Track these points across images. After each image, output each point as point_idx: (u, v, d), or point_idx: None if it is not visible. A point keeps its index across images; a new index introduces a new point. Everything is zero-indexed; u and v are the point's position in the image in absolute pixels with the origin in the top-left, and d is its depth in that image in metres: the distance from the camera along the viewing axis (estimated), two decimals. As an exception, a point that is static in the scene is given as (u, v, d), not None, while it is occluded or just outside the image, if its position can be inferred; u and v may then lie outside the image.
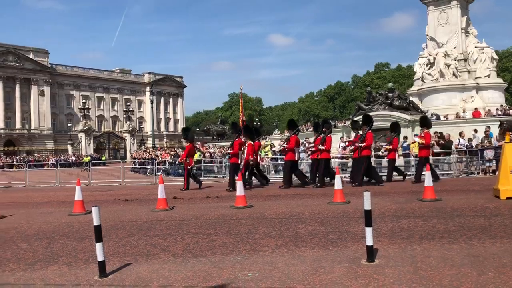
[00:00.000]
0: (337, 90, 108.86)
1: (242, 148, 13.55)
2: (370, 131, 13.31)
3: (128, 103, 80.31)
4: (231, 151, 13.95)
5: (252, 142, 13.85)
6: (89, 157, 42.86)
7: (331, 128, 14.68)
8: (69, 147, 61.38)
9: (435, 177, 12.77)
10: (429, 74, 28.22)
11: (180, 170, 20.85)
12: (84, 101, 70.34)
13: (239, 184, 9.26)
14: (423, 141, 13.46)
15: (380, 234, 5.86)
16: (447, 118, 24.33)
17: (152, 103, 51.35)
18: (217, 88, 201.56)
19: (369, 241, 4.60)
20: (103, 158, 50.82)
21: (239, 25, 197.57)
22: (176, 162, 21.55)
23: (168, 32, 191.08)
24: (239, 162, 13.61)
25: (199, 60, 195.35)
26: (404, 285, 3.84)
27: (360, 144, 12.88)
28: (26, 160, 44.37)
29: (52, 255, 5.57)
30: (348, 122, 26.43)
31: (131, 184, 18.73)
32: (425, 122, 14.30)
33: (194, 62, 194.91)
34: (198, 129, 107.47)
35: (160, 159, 27.75)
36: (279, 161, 19.40)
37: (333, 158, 17.88)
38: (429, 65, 28.29)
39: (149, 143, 60.68)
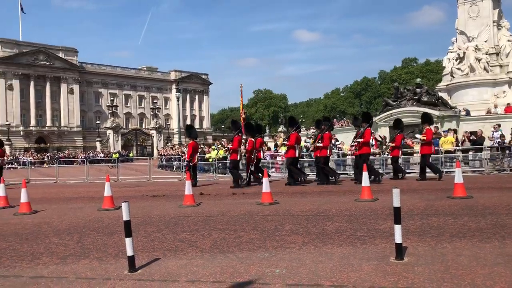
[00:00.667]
0: (364, 86, 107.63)
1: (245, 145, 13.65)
2: (369, 128, 13.15)
3: (154, 101, 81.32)
4: (231, 147, 14.05)
5: (253, 139, 14.06)
6: (117, 154, 43.60)
7: (332, 126, 14.49)
8: (98, 144, 62.59)
9: (438, 173, 13.01)
10: (458, 69, 27.54)
11: (205, 167, 21.01)
12: (112, 98, 71.54)
13: (265, 181, 9.26)
14: (424, 138, 13.28)
15: (409, 232, 5.77)
16: (487, 112, 23.64)
17: (178, 100, 51.82)
18: (243, 85, 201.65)
19: (398, 238, 4.53)
20: (131, 155, 51.61)
21: (265, 21, 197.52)
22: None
23: (194, 29, 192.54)
24: (239, 159, 13.74)
25: (224, 57, 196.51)
26: (435, 284, 3.76)
27: (358, 140, 12.85)
28: (57, 157, 45.49)
29: (83, 249, 5.69)
30: (375, 118, 26.10)
31: (158, 180, 18.96)
32: (427, 119, 14.14)
33: (219, 59, 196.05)
34: (223, 126, 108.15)
35: (186, 155, 27.96)
36: (304, 157, 19.32)
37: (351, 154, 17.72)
38: (458, 60, 27.60)
39: (176, 140, 61.34)
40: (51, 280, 4.41)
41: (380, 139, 19.91)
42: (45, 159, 45.79)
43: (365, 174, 9.32)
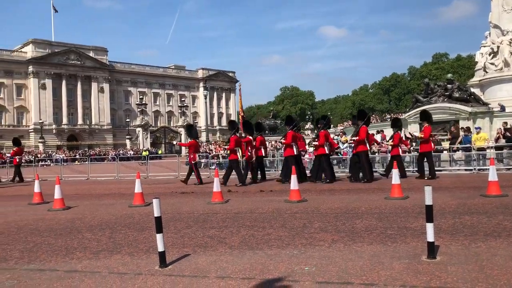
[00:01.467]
0: (393, 82, 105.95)
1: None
2: (364, 125, 12.98)
3: (182, 99, 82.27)
4: (227, 147, 14.11)
5: (251, 137, 14.26)
6: (147, 151, 44.27)
7: (329, 124, 14.47)
8: (128, 142, 63.71)
9: (431, 173, 12.92)
10: (492, 63, 26.78)
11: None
12: (141, 97, 72.67)
13: (293, 178, 9.23)
14: (422, 135, 13.23)
15: (441, 230, 5.66)
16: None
17: (205, 98, 52.26)
18: (269, 82, 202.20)
19: (430, 237, 4.44)
20: (160, 152, 52.31)
21: (291, 18, 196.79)
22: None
23: (221, 27, 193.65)
24: (238, 158, 13.81)
25: (251, 54, 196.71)
26: (469, 284, 3.68)
27: (353, 138, 12.82)
28: (88, 154, 46.57)
29: (115, 245, 5.80)
30: (405, 115, 25.66)
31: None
32: (425, 116, 14.11)
33: (246, 56, 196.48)
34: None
35: (214, 153, 28.17)
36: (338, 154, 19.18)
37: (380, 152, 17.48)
38: (492, 54, 26.84)
39: (203, 137, 61.84)
40: (84, 274, 4.52)
41: (410, 136, 19.57)
42: (77, 157, 46.96)
43: (395, 172, 9.19)
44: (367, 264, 4.36)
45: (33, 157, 40.86)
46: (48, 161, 40.82)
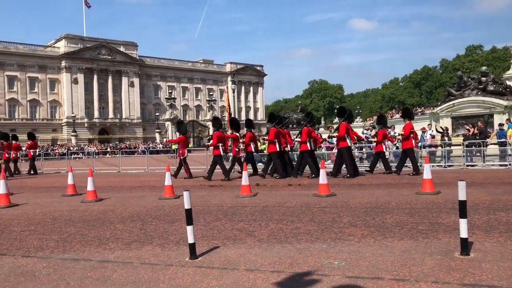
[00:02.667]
0: (424, 75, 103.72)
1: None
2: (344, 122, 13.13)
3: (210, 93, 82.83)
4: (210, 143, 14.50)
5: (237, 134, 14.92)
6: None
7: (312, 121, 14.61)
8: (157, 135, 64.63)
9: (415, 169, 12.94)
10: (529, 55, 25.85)
11: (262, 159, 21.08)
12: (170, 91, 73.59)
13: (322, 173, 9.17)
14: (402, 132, 13.35)
15: (474, 226, 5.52)
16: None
17: (233, 92, 52.36)
18: (297, 76, 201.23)
19: (464, 233, 4.35)
20: (190, 146, 52.75)
21: (320, 11, 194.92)
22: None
23: (249, 21, 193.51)
24: (221, 153, 14.13)
25: (279, 48, 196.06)
26: (505, 281, 3.58)
27: (333, 135, 13.01)
28: (119, 147, 47.47)
29: (146, 236, 5.91)
30: (437, 109, 25.13)
31: (215, 170, 19.24)
32: (406, 113, 14.26)
33: (274, 50, 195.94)
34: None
35: (242, 146, 28.22)
36: (363, 149, 18.98)
37: (422, 147, 17.18)
38: (529, 46, 25.89)
39: (229, 131, 62.03)
40: (117, 264, 4.62)
41: (441, 130, 19.17)
42: (108, 150, 47.93)
43: (426, 167, 9.02)
44: (398, 260, 4.30)
45: (66, 150, 41.97)
46: (80, 154, 41.83)
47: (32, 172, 20.02)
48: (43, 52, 71.49)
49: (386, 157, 15.01)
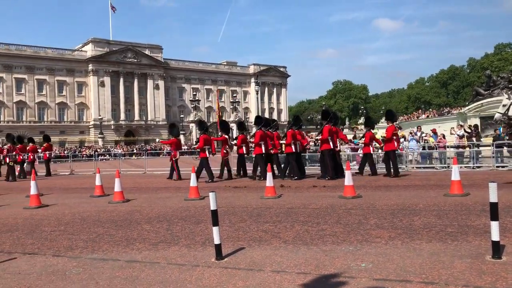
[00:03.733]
0: (451, 75, 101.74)
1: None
2: (327, 125, 13.25)
3: (234, 94, 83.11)
4: (196, 146, 14.72)
5: (226, 136, 15.32)
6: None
7: (299, 123, 14.76)
8: (182, 137, 65.16)
9: (395, 171, 13.10)
10: (561, 53, 25.06)
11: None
12: (194, 93, 74.12)
13: (348, 174, 9.09)
14: (384, 135, 13.46)
15: (506, 229, 5.38)
16: None
17: (257, 93, 52.44)
18: (321, 77, 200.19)
19: (495, 236, 4.24)
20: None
21: (344, 11, 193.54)
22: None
23: (273, 22, 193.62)
24: (207, 156, 14.36)
25: (303, 48, 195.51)
26: (539, 286, 3.48)
27: (316, 137, 13.28)
28: (144, 149, 48.10)
29: (172, 237, 5.97)
30: (464, 109, 24.62)
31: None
32: (389, 116, 14.35)
33: (298, 51, 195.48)
34: (301, 118, 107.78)
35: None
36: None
37: (448, 147, 16.89)
38: (561, 43, 25.11)
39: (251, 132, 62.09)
40: (144, 264, 4.68)
41: (469, 130, 18.77)
42: (134, 151, 48.65)
43: (455, 168, 8.84)
44: (426, 262, 4.23)
45: (93, 151, 42.77)
46: (107, 155, 42.55)
47: (46, 174, 20.65)
48: (71, 56, 73.12)
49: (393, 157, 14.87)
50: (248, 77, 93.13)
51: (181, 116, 74.46)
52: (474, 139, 17.82)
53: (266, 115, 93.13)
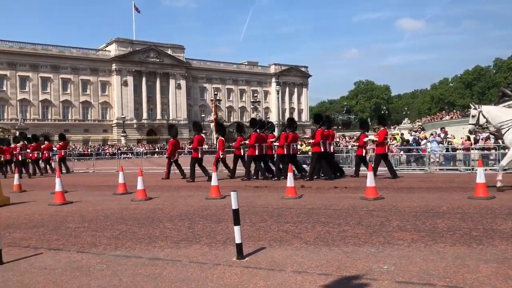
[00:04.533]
0: (476, 76, 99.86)
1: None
2: (320, 129, 13.46)
3: (255, 94, 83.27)
4: (191, 146, 15.10)
5: (223, 138, 15.94)
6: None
7: (294, 126, 14.64)
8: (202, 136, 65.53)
9: (392, 173, 13.33)
10: None
11: (307, 160, 20.97)
12: (215, 93, 74.45)
13: (370, 175, 9.01)
14: (377, 139, 13.76)
15: (533, 234, 5.26)
16: None
17: (278, 93, 52.37)
18: (342, 77, 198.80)
19: (522, 240, 4.14)
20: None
21: (366, 11, 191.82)
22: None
23: (294, 22, 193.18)
24: (200, 156, 14.86)
25: (324, 48, 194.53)
26: None
27: (310, 141, 13.69)
28: (166, 148, 48.54)
29: (194, 235, 6.02)
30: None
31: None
32: (381, 120, 15.05)
33: (319, 51, 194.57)
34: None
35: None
36: (412, 151, 18.51)
37: (473, 149, 16.59)
38: None
39: (275, 132, 61.98)
40: (166, 262, 4.73)
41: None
42: (156, 150, 49.17)
43: (480, 170, 8.66)
44: (450, 266, 4.16)
45: (116, 150, 43.38)
46: (130, 154, 43.11)
47: (64, 170, 21.14)
48: (95, 55, 74.34)
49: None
50: (269, 77, 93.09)
51: (202, 115, 74.98)
52: (500, 141, 17.42)
53: (287, 115, 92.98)
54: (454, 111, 59.81)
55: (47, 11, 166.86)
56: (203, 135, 15.50)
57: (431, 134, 20.07)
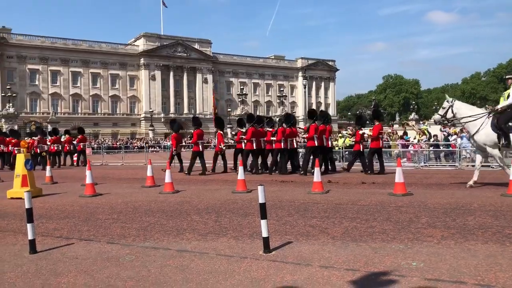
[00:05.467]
0: (510, 69, 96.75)
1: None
2: (314, 124, 13.80)
3: (281, 89, 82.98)
4: (191, 140, 15.73)
5: (221, 132, 16.74)
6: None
7: (291, 121, 15.20)
8: (229, 131, 65.63)
9: (369, 168, 13.70)
10: None
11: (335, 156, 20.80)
12: (242, 87, 74.67)
13: (398, 171, 8.86)
14: (371, 133, 14.18)
15: None
16: None
17: (304, 88, 52.10)
18: (370, 71, 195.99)
19: (558, 240, 4.02)
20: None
21: (395, 4, 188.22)
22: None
23: (322, 15, 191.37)
24: (201, 150, 15.49)
25: (352, 42, 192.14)
26: None
27: (303, 136, 14.20)
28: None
29: (221, 228, 6.06)
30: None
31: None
32: (376, 115, 15.10)
33: (347, 44, 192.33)
34: (349, 113, 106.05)
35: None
36: (441, 147, 18.14)
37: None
38: None
39: (301, 126, 61.71)
40: (194, 254, 4.78)
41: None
42: (183, 144, 49.65)
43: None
44: (482, 264, 4.07)
45: (144, 143, 44.06)
46: (157, 147, 43.68)
47: (82, 160, 22.22)
48: (123, 50, 75.42)
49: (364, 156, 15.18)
50: (295, 71, 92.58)
51: (229, 110, 75.19)
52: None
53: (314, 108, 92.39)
54: (487, 106, 58.22)
55: (77, 6, 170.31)
56: (202, 129, 16.33)
57: (461, 130, 19.59)
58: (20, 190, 9.81)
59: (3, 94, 55.81)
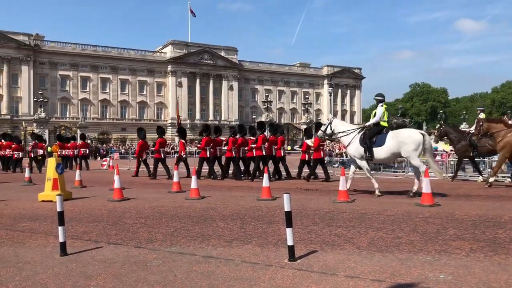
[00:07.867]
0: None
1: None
2: (262, 134, 15.34)
3: (306, 96, 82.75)
4: (199, 146, 17.10)
5: (183, 141, 18.04)
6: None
7: (278, 129, 16.86)
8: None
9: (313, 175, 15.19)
10: None
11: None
12: (267, 94, 74.73)
13: (426, 181, 8.74)
14: (312, 145, 15.12)
15: None
16: None
17: (330, 95, 51.85)
18: (397, 79, 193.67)
19: None
20: (289, 149, 53.27)
21: (423, 12, 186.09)
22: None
23: (348, 23, 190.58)
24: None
25: (379, 50, 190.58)
26: None
27: (252, 146, 15.15)
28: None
29: (246, 235, 6.10)
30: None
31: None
32: (308, 132, 16.48)
33: (374, 52, 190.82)
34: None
35: (337, 151, 27.87)
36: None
37: None
38: None
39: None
40: (219, 261, 4.83)
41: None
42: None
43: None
44: (513, 279, 3.98)
45: (170, 149, 44.57)
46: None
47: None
48: (151, 57, 76.80)
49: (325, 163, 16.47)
50: (321, 78, 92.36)
51: (253, 116, 75.38)
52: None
53: (339, 117, 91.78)
54: (515, 115, 56.70)
55: (108, 14, 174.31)
56: (212, 137, 17.06)
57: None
58: (51, 193, 10.10)
59: (35, 99, 57.52)
